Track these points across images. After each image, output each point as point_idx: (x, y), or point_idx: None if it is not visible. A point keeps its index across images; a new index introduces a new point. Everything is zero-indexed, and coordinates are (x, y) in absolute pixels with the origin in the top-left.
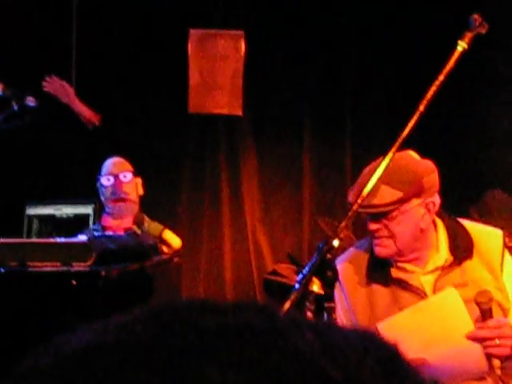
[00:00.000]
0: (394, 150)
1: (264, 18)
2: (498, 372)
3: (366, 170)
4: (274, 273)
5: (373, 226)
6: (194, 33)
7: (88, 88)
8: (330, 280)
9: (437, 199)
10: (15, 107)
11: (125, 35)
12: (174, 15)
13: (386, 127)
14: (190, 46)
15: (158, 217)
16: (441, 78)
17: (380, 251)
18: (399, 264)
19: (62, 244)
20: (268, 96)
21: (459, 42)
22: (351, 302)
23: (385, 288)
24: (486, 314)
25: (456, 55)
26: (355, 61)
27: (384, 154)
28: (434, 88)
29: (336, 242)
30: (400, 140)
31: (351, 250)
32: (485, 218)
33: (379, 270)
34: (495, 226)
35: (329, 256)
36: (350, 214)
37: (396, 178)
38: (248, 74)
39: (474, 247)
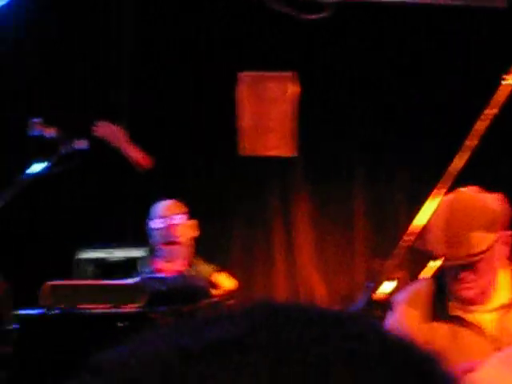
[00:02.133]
0: (445, 186)
1: (317, 59)
2: None
3: (436, 217)
4: None
5: (465, 274)
6: (243, 76)
7: (141, 132)
8: (377, 319)
9: (509, 232)
10: (62, 151)
11: (176, 79)
12: (224, 58)
13: (440, 168)
14: (239, 88)
15: (212, 259)
16: (489, 111)
17: (466, 293)
18: (461, 302)
19: (114, 286)
20: (321, 139)
21: (506, 77)
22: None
23: (445, 325)
24: None
25: (504, 89)
26: (409, 100)
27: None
28: (482, 122)
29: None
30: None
31: (412, 288)
32: None
33: (440, 308)
34: None
35: (377, 296)
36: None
37: (483, 220)
38: (300, 116)
39: None
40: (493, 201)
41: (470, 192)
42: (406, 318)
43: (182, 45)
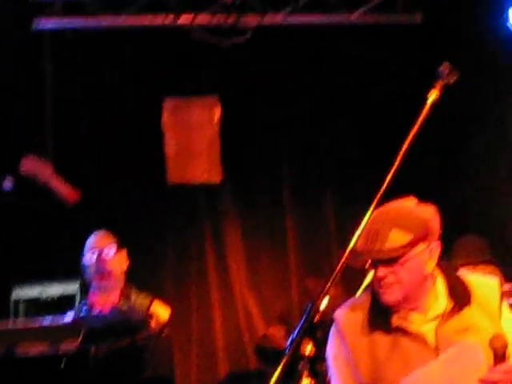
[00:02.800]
0: (376, 201)
1: (239, 83)
2: None
3: (366, 221)
4: (266, 337)
5: (381, 272)
6: (167, 103)
7: (66, 164)
8: (320, 340)
9: (439, 244)
10: (9, 187)
11: (100, 109)
12: (149, 85)
13: (366, 184)
14: (164, 115)
15: (145, 288)
16: (415, 129)
17: (387, 298)
18: (400, 313)
19: (49, 326)
20: (247, 161)
21: (430, 92)
22: (352, 351)
23: (386, 336)
24: (499, 359)
25: (428, 105)
26: (332, 120)
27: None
28: (408, 140)
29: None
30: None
31: (350, 301)
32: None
33: (380, 319)
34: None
35: (317, 317)
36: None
37: (404, 222)
38: (225, 140)
39: (471, 294)
40: (423, 209)
41: (402, 199)
42: (346, 331)
43: (106, 74)
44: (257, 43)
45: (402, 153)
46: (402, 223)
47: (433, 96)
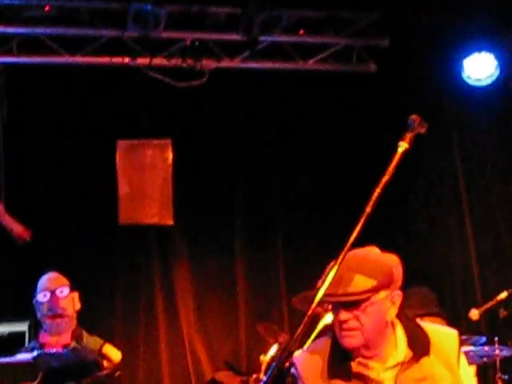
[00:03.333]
0: (346, 250)
1: (190, 125)
2: None
3: (330, 265)
4: (214, 382)
5: (343, 316)
6: (121, 143)
7: (17, 203)
8: None
9: (400, 293)
10: None
11: (53, 147)
12: (102, 126)
13: (317, 232)
14: (117, 157)
15: (93, 330)
16: (385, 178)
17: (348, 342)
18: (360, 360)
19: (7, 364)
20: (199, 204)
21: (400, 143)
22: None
23: (345, 383)
24: None
25: (398, 156)
26: (286, 165)
27: (335, 257)
28: (378, 189)
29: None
30: (351, 240)
31: (310, 346)
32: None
33: (340, 365)
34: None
35: (287, 364)
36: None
37: (369, 267)
38: (177, 182)
39: (430, 345)
40: (387, 257)
41: (366, 247)
42: (305, 376)
43: (61, 112)
44: (213, 87)
45: (372, 202)
46: (366, 269)
47: (403, 146)
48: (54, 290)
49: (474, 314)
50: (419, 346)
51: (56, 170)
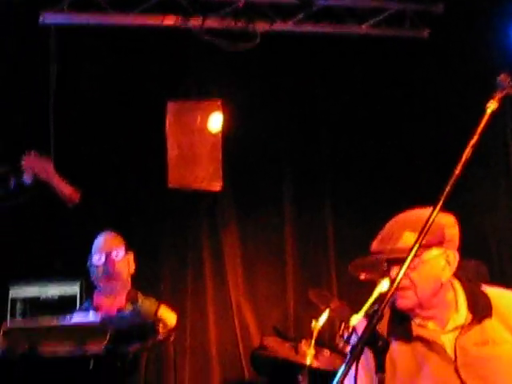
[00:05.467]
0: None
1: (240, 89)
2: None
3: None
4: (262, 347)
5: (394, 273)
6: (171, 105)
7: (67, 163)
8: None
9: (457, 254)
10: (12, 184)
11: (103, 109)
12: (152, 88)
13: (366, 198)
14: (167, 118)
15: (144, 292)
16: (474, 139)
17: (401, 302)
18: (420, 322)
19: (76, 326)
20: (248, 169)
21: (489, 104)
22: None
23: (406, 345)
24: None
25: (487, 116)
26: (335, 133)
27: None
28: (468, 150)
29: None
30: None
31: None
32: None
33: (400, 327)
34: None
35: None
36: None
37: (419, 225)
38: (227, 146)
39: (492, 307)
40: (441, 216)
41: (422, 207)
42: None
43: (111, 73)
44: (265, 50)
45: (462, 163)
46: (416, 226)
47: (492, 106)
48: (110, 252)
49: None
50: (481, 308)
51: (106, 132)
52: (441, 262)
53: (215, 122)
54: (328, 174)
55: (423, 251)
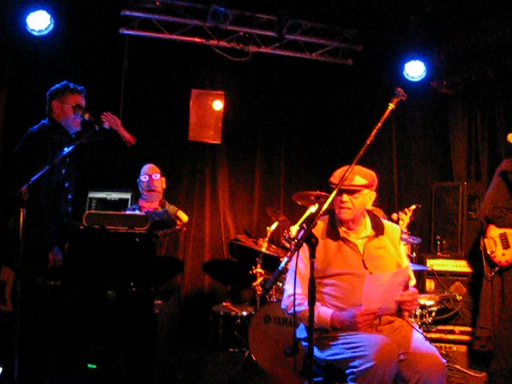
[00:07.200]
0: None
1: (238, 85)
2: (406, 315)
3: (338, 171)
4: (236, 239)
5: (345, 198)
6: (194, 92)
7: (130, 121)
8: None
9: (375, 194)
10: (97, 128)
11: (155, 91)
12: (184, 80)
13: (305, 156)
14: (191, 100)
15: (171, 201)
16: (378, 125)
17: (344, 215)
18: (345, 230)
19: (129, 215)
20: (235, 133)
21: (390, 104)
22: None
23: (334, 242)
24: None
25: (387, 112)
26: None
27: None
28: (374, 131)
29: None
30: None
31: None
32: None
33: (332, 231)
34: None
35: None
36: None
37: (364, 172)
38: (225, 119)
39: (384, 229)
40: (371, 172)
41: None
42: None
43: (161, 70)
44: (254, 63)
45: (371, 137)
46: (362, 173)
47: (391, 105)
48: (151, 174)
49: (394, 216)
50: (378, 228)
51: (154, 105)
52: (368, 197)
53: (218, 104)
54: (283, 143)
55: (362, 189)
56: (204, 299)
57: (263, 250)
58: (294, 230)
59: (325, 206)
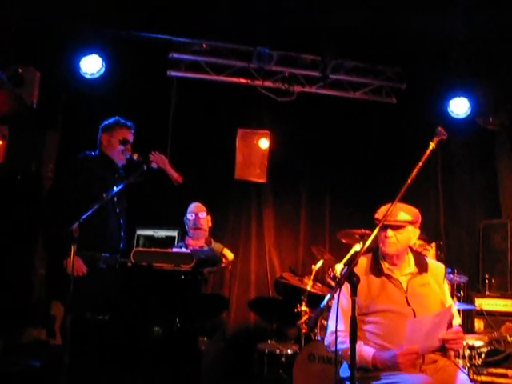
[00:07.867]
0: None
1: (283, 125)
2: (452, 355)
3: (382, 208)
4: (282, 277)
5: (390, 233)
6: (240, 131)
7: (178, 160)
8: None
9: (419, 231)
10: (145, 168)
11: (202, 131)
12: (230, 120)
13: (350, 195)
14: (237, 139)
15: (218, 240)
16: (419, 165)
17: (388, 249)
18: (388, 266)
19: (175, 253)
20: (281, 171)
21: (430, 143)
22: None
23: (378, 278)
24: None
25: (428, 151)
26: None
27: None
28: (415, 170)
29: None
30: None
31: (361, 257)
32: None
33: (376, 267)
34: None
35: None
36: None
37: (408, 209)
38: (271, 158)
39: (428, 267)
40: (415, 209)
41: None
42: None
43: (208, 111)
44: (299, 103)
45: (411, 177)
46: (407, 210)
47: (432, 145)
48: (198, 212)
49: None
50: (422, 266)
51: (202, 145)
52: (412, 233)
53: (264, 143)
54: (328, 181)
55: (406, 225)
56: (249, 336)
57: (308, 288)
58: (338, 268)
59: (368, 242)
